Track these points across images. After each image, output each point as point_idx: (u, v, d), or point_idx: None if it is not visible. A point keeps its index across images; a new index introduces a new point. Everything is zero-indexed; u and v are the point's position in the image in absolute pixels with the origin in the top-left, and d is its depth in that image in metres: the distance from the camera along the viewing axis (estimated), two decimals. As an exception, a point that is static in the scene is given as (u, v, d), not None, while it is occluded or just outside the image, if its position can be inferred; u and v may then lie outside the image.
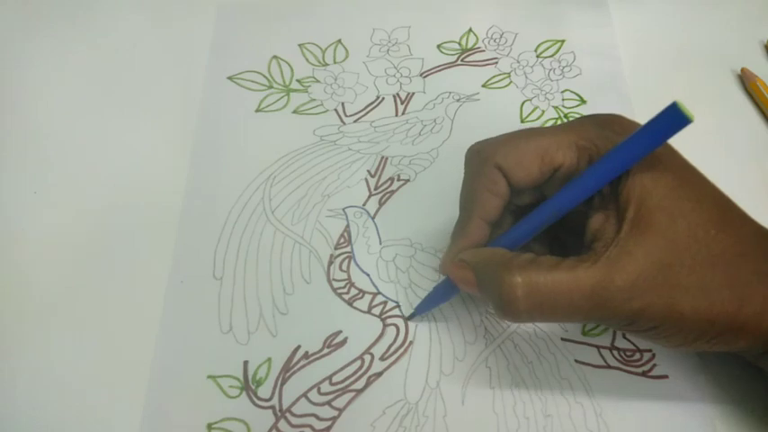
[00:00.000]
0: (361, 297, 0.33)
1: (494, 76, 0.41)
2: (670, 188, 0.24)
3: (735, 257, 0.23)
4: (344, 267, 0.34)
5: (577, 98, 0.40)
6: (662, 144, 0.23)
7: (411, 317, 0.32)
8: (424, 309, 0.31)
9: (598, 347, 0.31)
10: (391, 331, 0.32)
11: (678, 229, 0.23)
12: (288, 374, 0.31)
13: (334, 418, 0.30)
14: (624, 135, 0.23)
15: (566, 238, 0.30)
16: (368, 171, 0.37)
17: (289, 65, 0.41)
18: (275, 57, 0.41)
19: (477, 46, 0.42)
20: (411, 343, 0.31)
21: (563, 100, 0.40)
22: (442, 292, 0.30)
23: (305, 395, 0.30)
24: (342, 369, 0.31)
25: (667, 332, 0.24)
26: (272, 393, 0.30)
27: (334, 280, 0.33)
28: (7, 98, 0.40)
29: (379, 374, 0.31)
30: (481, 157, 0.27)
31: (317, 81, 0.40)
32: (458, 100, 0.39)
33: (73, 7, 0.44)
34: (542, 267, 0.23)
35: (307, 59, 0.41)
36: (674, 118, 0.22)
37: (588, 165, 0.25)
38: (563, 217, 0.26)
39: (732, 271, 0.23)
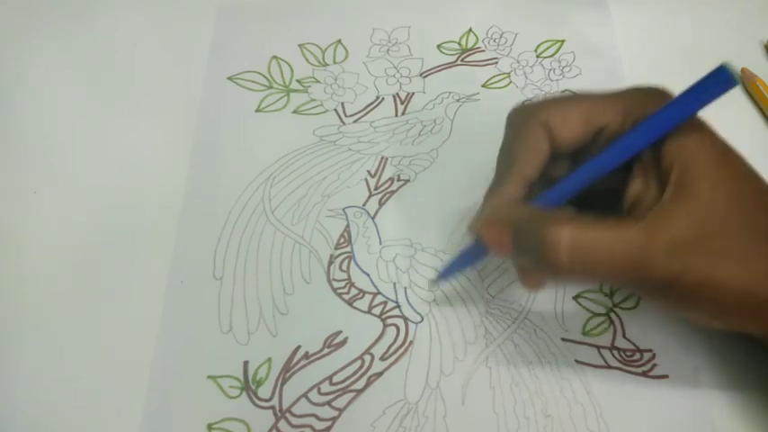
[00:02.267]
0: (362, 297, 0.33)
1: (494, 76, 0.41)
2: (712, 157, 0.24)
3: None
4: (344, 267, 0.34)
5: (577, 98, 0.40)
6: (707, 105, 0.23)
7: (434, 284, 0.32)
8: (449, 274, 0.31)
9: (598, 347, 0.31)
10: (391, 331, 0.32)
11: (719, 198, 0.23)
12: (288, 374, 0.31)
13: (334, 419, 0.30)
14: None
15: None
16: (368, 171, 0.37)
17: (289, 65, 0.41)
18: (275, 57, 0.41)
19: (477, 46, 0.42)
20: (411, 343, 0.31)
21: (563, 100, 0.40)
22: (470, 256, 0.29)
23: (305, 395, 0.30)
24: (342, 369, 0.31)
25: (703, 301, 0.23)
26: (273, 393, 0.30)
27: (334, 280, 0.33)
28: (7, 98, 0.40)
29: (380, 374, 0.31)
30: (526, 114, 0.27)
31: (317, 81, 0.40)
32: (458, 100, 0.39)
33: (73, 7, 0.44)
34: (585, 223, 0.23)
35: (307, 59, 0.41)
36: (720, 80, 0.22)
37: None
38: (593, 189, 0.26)
39: None
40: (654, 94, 0.26)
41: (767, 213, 0.24)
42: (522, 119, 0.27)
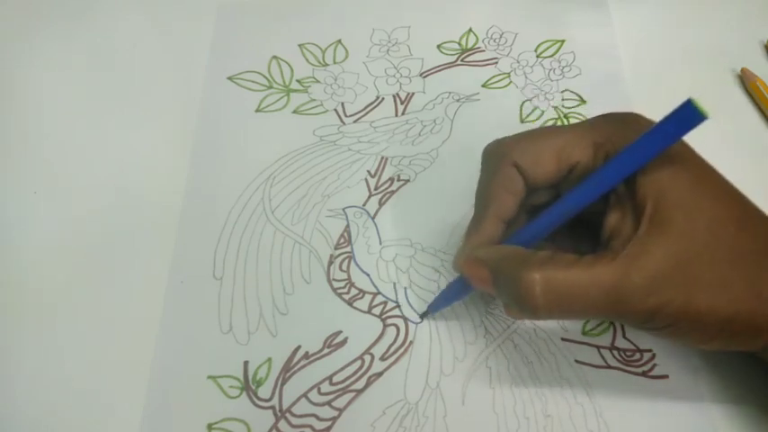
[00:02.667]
0: (362, 297, 0.33)
1: (494, 76, 0.41)
2: (688, 185, 0.24)
3: (754, 255, 0.23)
4: (344, 267, 0.34)
5: (577, 98, 0.40)
6: (676, 142, 0.23)
7: (424, 315, 0.32)
8: (438, 307, 0.31)
9: (598, 347, 0.31)
10: (391, 331, 0.32)
11: (697, 226, 0.23)
12: (288, 374, 0.31)
13: (334, 419, 0.30)
14: (641, 133, 0.23)
15: (586, 235, 0.30)
16: (368, 171, 0.37)
17: (289, 65, 0.41)
18: (275, 57, 0.41)
19: (477, 46, 0.42)
20: (411, 343, 0.31)
21: (563, 100, 0.40)
22: (456, 291, 0.30)
23: (305, 395, 0.30)
24: (342, 369, 0.31)
25: (685, 330, 0.24)
26: (273, 393, 0.30)
27: (334, 280, 0.33)
28: (7, 98, 0.40)
29: (380, 374, 0.31)
30: (498, 155, 0.27)
31: (317, 81, 0.40)
32: (458, 100, 0.39)
33: (73, 7, 0.44)
34: (560, 264, 0.23)
35: (307, 59, 0.41)
36: (688, 115, 0.22)
37: (605, 162, 0.25)
38: (583, 214, 0.26)
39: (751, 269, 0.23)
40: (626, 123, 0.26)
41: (750, 236, 0.24)
42: (495, 159, 0.27)
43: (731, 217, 0.24)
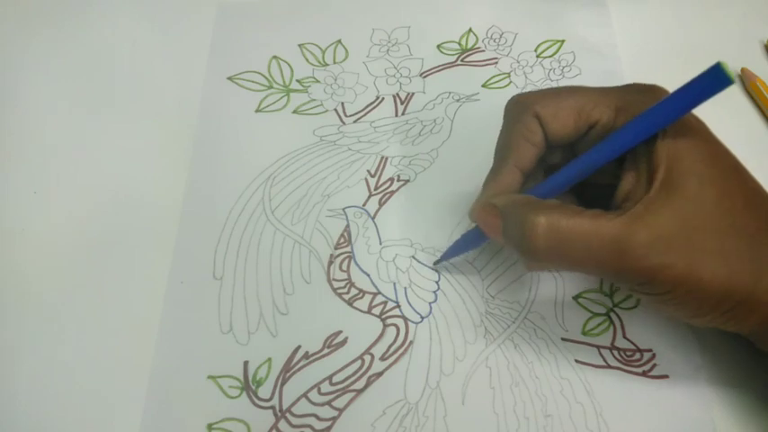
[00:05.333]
0: (361, 297, 0.33)
1: (493, 76, 0.41)
2: (702, 156, 0.24)
3: (758, 231, 0.24)
4: (344, 267, 0.34)
5: (577, 98, 0.40)
6: (700, 104, 0.23)
7: (437, 263, 0.33)
8: (450, 255, 0.32)
9: (598, 347, 0.31)
10: (391, 331, 0.32)
11: (706, 197, 0.23)
12: (288, 374, 0.31)
13: (334, 419, 0.30)
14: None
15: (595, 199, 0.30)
16: (368, 171, 0.37)
17: (289, 65, 0.41)
18: (275, 57, 0.41)
19: (476, 46, 0.42)
20: (411, 343, 0.31)
21: (563, 100, 0.40)
22: (470, 240, 0.31)
23: (305, 395, 0.30)
24: (342, 369, 0.31)
25: (682, 299, 0.24)
26: (273, 393, 0.30)
27: (334, 280, 0.33)
28: (7, 98, 0.40)
29: (380, 374, 0.31)
30: (520, 106, 0.28)
31: (317, 81, 0.40)
32: (458, 100, 0.39)
33: (72, 7, 0.44)
34: (566, 212, 0.24)
35: (307, 59, 0.41)
36: (715, 78, 0.22)
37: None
38: (594, 186, 0.26)
39: (754, 244, 0.24)
40: (649, 92, 0.26)
41: (755, 213, 0.24)
42: (517, 111, 0.28)
43: (739, 191, 0.24)
